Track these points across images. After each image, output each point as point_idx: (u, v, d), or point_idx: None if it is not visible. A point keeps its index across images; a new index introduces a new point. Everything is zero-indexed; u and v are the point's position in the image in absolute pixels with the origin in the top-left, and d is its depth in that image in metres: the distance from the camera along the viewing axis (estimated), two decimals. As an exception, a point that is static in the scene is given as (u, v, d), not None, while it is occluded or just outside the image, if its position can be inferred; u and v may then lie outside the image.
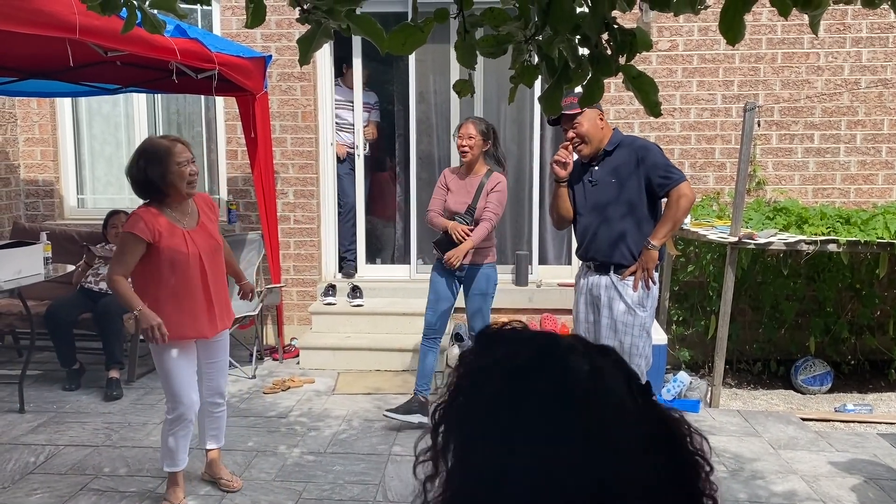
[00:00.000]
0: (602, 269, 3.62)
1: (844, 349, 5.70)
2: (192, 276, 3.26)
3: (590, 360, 0.84)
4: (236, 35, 5.82)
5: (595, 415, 0.79)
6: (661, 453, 0.80)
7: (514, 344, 0.87)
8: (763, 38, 5.69)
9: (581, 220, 3.69)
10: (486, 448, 0.81)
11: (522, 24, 1.62)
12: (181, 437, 3.36)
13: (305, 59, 1.74)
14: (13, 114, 6.29)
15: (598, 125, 3.57)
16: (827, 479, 3.79)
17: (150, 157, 3.17)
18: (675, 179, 3.46)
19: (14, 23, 3.00)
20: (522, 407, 0.81)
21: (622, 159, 3.54)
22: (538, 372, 0.83)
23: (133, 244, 3.16)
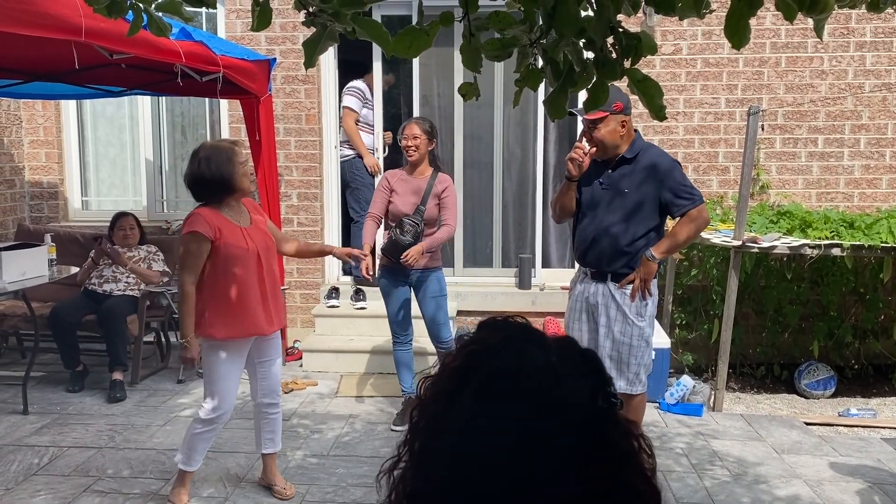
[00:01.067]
0: (599, 276, 3.55)
1: (848, 353, 5.69)
2: (251, 273, 3.31)
3: (548, 357, 0.84)
4: (241, 38, 5.83)
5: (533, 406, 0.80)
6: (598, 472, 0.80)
7: (493, 329, 0.89)
8: (767, 42, 5.69)
9: (584, 221, 3.60)
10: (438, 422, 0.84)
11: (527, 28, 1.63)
12: (206, 440, 3.38)
13: (311, 62, 1.75)
14: (18, 116, 6.31)
15: (618, 132, 3.45)
16: (830, 484, 3.78)
17: (220, 158, 3.26)
18: (695, 201, 3.40)
19: (20, 25, 3.01)
20: (469, 385, 0.83)
21: (640, 170, 3.45)
22: (495, 355, 0.85)
23: (197, 244, 3.21)
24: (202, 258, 3.23)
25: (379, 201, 4.40)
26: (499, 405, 0.81)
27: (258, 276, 3.34)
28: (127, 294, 5.25)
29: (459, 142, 6.22)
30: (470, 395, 0.82)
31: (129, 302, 5.21)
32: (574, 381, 0.83)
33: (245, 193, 3.40)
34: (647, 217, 3.46)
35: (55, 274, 5.02)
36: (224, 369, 3.32)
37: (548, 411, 0.80)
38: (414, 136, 4.33)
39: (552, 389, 0.81)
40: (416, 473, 0.85)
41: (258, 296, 3.33)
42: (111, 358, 5.03)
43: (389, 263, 4.35)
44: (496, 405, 0.81)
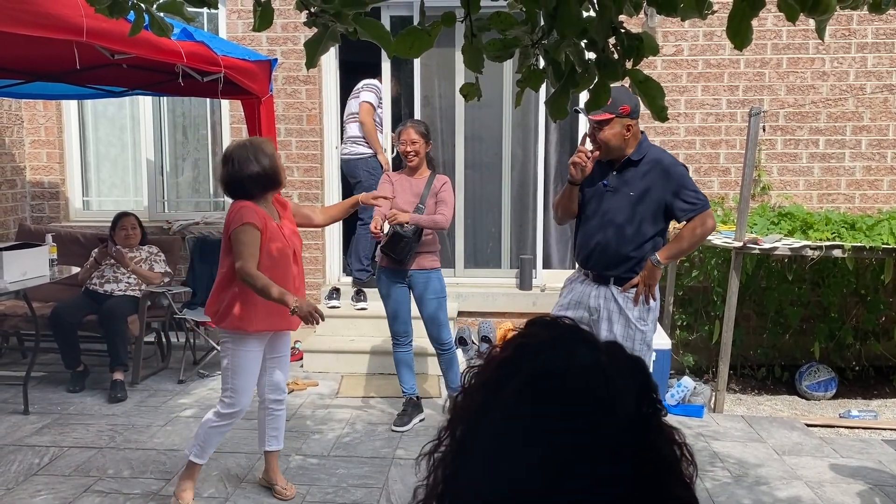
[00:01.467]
0: (601, 279, 3.50)
1: (849, 355, 5.68)
2: (287, 267, 3.38)
3: (597, 357, 0.85)
4: (242, 38, 5.83)
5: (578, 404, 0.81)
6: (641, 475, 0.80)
7: (544, 327, 0.90)
8: (768, 43, 5.69)
9: (587, 224, 3.55)
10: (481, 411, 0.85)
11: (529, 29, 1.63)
12: (221, 433, 3.43)
13: (312, 62, 1.75)
14: (19, 116, 6.31)
15: (623, 135, 3.40)
16: (831, 486, 3.78)
17: (263, 153, 3.33)
18: (700, 207, 3.36)
19: (21, 25, 3.01)
20: (515, 377, 0.84)
21: (646, 173, 3.41)
22: (544, 350, 0.85)
23: (251, 234, 3.24)
24: (257, 246, 3.25)
25: (388, 193, 4.34)
26: (545, 399, 0.82)
27: (291, 274, 3.40)
28: (128, 294, 5.25)
29: (461, 143, 6.22)
30: (516, 386, 0.83)
31: (129, 302, 5.21)
32: (621, 382, 0.83)
33: (279, 187, 3.47)
34: (652, 221, 3.41)
35: (56, 274, 5.03)
36: (248, 363, 3.35)
37: (593, 410, 0.80)
38: (412, 140, 4.36)
39: (599, 389, 0.82)
40: (456, 459, 0.86)
41: (293, 290, 3.34)
42: (112, 358, 5.03)
43: (388, 264, 4.35)
44: (542, 399, 0.82)
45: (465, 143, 6.24)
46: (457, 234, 6.30)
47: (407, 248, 4.26)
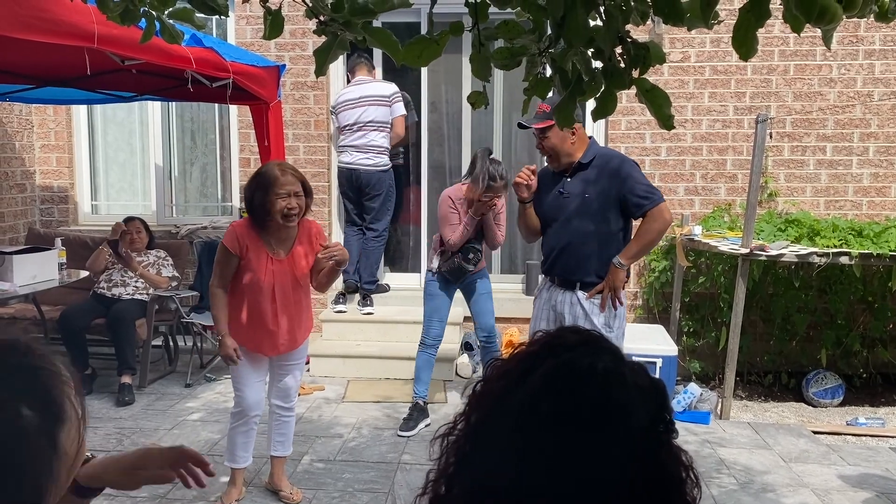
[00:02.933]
0: (567, 285, 3.49)
1: (856, 362, 5.66)
2: (263, 301, 3.35)
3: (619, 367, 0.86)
4: (251, 44, 5.86)
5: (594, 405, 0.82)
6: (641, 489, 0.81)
7: (573, 331, 0.93)
8: (775, 49, 5.69)
9: (549, 232, 3.56)
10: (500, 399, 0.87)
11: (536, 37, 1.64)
12: (241, 434, 3.48)
13: (322, 70, 1.77)
14: (30, 121, 6.36)
15: (569, 140, 3.42)
16: (838, 493, 3.77)
17: (259, 184, 3.25)
18: (654, 200, 3.33)
19: (35, 32, 3.05)
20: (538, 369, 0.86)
21: (597, 174, 3.41)
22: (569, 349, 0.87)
23: (224, 255, 3.33)
24: (229, 267, 3.33)
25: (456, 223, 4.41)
26: (563, 394, 0.83)
27: (270, 308, 3.36)
28: (136, 298, 5.27)
29: (467, 149, 6.24)
30: (537, 379, 0.85)
31: (137, 306, 5.24)
32: (639, 396, 0.85)
33: (277, 224, 3.28)
34: (611, 221, 3.41)
35: (65, 278, 5.06)
36: (240, 369, 3.43)
37: (608, 414, 0.82)
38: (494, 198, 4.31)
39: (617, 396, 0.83)
40: (469, 443, 0.88)
41: (266, 324, 3.37)
42: (120, 361, 5.06)
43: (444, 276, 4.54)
44: (560, 394, 0.83)
45: (472, 149, 6.25)
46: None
47: (465, 274, 4.53)
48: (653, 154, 5.83)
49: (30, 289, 4.61)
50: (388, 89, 5.75)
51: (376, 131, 5.69)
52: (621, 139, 5.84)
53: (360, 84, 5.77)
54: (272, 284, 3.33)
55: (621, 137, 5.84)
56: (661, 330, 5.41)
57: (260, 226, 3.32)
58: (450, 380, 5.51)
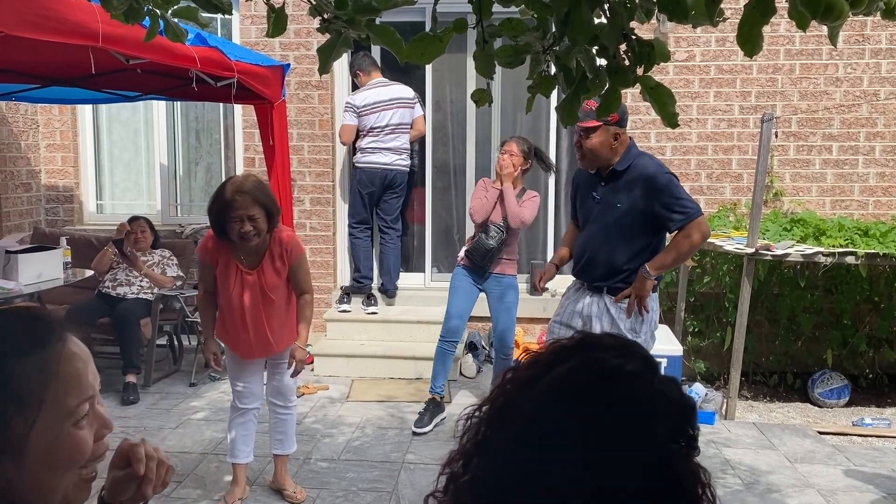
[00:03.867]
0: (595, 289, 3.48)
1: (862, 362, 5.64)
2: (234, 310, 3.39)
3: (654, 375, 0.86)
4: (255, 44, 5.87)
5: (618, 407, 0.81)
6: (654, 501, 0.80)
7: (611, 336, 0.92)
8: (781, 48, 5.68)
9: (581, 234, 3.56)
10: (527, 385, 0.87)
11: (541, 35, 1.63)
12: (239, 426, 3.51)
13: (325, 68, 1.76)
14: (35, 120, 6.38)
15: (611, 143, 3.37)
16: (844, 494, 3.75)
17: (215, 204, 3.23)
18: (690, 216, 3.24)
19: (39, 31, 3.05)
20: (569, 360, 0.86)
21: (632, 183, 3.34)
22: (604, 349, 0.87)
23: (200, 265, 3.50)
24: (208, 275, 3.45)
25: (491, 197, 4.50)
26: (589, 390, 0.83)
27: (240, 319, 3.38)
28: (140, 297, 5.28)
29: (472, 147, 6.23)
30: (563, 372, 0.85)
31: (142, 305, 5.25)
32: (666, 407, 0.83)
33: (240, 244, 3.24)
34: (642, 232, 3.35)
35: (70, 276, 5.07)
36: (231, 365, 3.56)
37: (631, 419, 0.81)
38: (512, 154, 4.44)
39: (643, 402, 0.82)
40: (492, 425, 0.88)
41: (240, 331, 3.42)
42: (124, 361, 5.07)
43: (469, 264, 4.53)
44: (587, 389, 0.83)
45: (476, 148, 6.25)
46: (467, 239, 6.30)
47: (490, 256, 4.46)
48: (658, 153, 5.81)
49: (35, 288, 4.62)
50: (409, 92, 5.85)
51: (406, 133, 5.85)
52: (626, 138, 5.82)
53: (386, 86, 5.80)
54: (241, 296, 3.35)
55: (626, 137, 5.82)
56: (665, 330, 5.39)
57: (228, 237, 3.27)
58: (454, 379, 5.50)
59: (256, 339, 3.41)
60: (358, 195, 5.85)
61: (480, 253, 4.46)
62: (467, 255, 4.54)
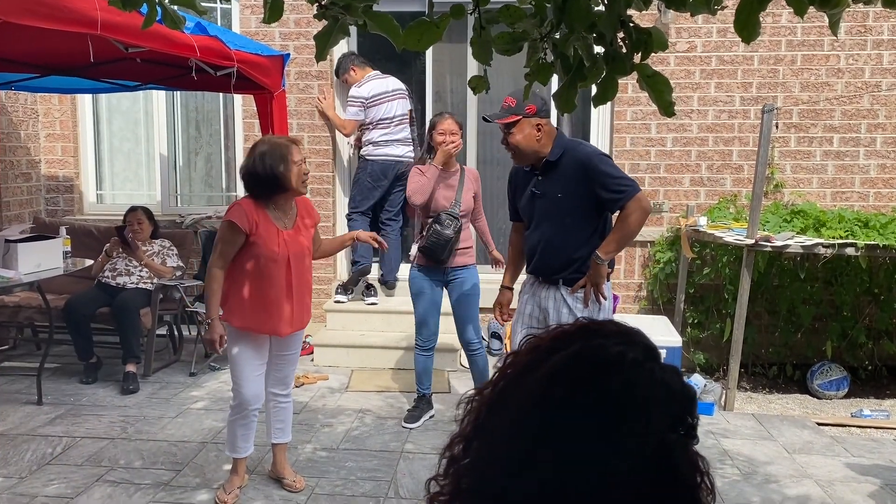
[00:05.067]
0: (551, 282, 3.44)
1: (862, 354, 5.64)
2: (278, 276, 3.33)
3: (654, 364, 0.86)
4: (255, 33, 5.85)
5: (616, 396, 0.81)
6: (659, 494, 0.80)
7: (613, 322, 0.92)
8: (783, 39, 5.66)
9: (530, 232, 3.51)
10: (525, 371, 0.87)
11: (538, 22, 1.63)
12: (240, 426, 3.47)
13: (322, 55, 1.76)
14: (35, 110, 6.37)
15: (534, 136, 3.33)
16: (842, 484, 3.76)
17: (274, 154, 3.26)
18: (629, 193, 3.19)
19: (37, 18, 3.04)
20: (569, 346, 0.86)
21: (567, 170, 3.31)
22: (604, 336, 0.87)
23: (231, 233, 3.27)
24: (234, 246, 3.29)
25: (426, 185, 4.28)
26: (587, 376, 0.83)
27: (286, 280, 3.36)
28: (140, 287, 5.29)
29: (472, 138, 6.22)
30: (563, 358, 0.85)
31: (142, 295, 5.26)
32: (665, 395, 0.83)
33: (297, 194, 3.38)
34: (587, 218, 3.32)
35: (70, 266, 5.07)
36: (241, 358, 3.38)
37: (628, 406, 0.81)
38: (452, 131, 4.27)
39: (641, 390, 0.82)
40: (492, 408, 0.88)
41: (281, 298, 3.35)
42: (124, 350, 5.08)
43: (426, 262, 4.29)
44: (585, 375, 0.83)
45: (478, 139, 6.24)
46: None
47: (450, 247, 4.24)
48: (658, 145, 5.81)
49: (35, 277, 4.62)
50: (402, 84, 5.83)
51: (409, 125, 5.82)
52: (626, 129, 5.81)
53: (384, 78, 5.80)
54: (287, 255, 3.33)
55: (626, 128, 5.81)
56: (665, 321, 5.40)
57: (266, 199, 3.33)
58: (454, 370, 5.51)
59: (298, 304, 3.41)
60: (369, 187, 5.78)
61: (440, 245, 4.20)
62: (424, 253, 4.27)
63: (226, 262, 3.30)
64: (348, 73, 5.86)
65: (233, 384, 3.45)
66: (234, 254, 3.29)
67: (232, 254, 3.29)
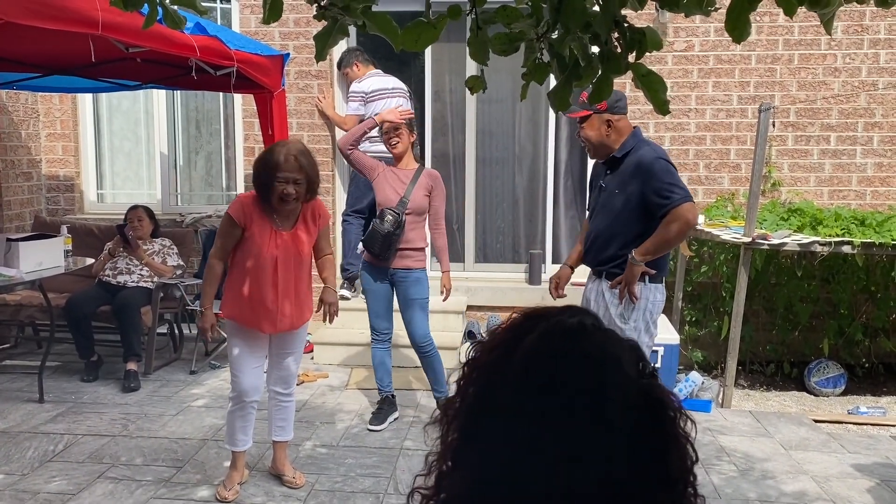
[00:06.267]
0: (597, 274, 3.54)
1: (858, 352, 5.67)
2: (264, 275, 3.38)
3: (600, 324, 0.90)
4: (255, 33, 5.88)
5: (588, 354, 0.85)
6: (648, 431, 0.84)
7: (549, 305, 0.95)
8: (780, 39, 5.68)
9: (590, 222, 3.65)
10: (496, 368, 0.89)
11: (534, 22, 1.65)
12: (238, 419, 3.52)
13: (322, 55, 1.78)
14: (35, 109, 6.39)
15: (604, 132, 3.40)
16: (838, 480, 3.79)
17: (267, 165, 3.32)
18: (675, 201, 3.21)
19: (39, 18, 3.07)
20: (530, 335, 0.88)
21: (628, 168, 3.38)
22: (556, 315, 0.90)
23: (228, 225, 3.38)
24: (231, 239, 3.39)
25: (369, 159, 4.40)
26: (562, 353, 0.85)
27: (272, 280, 3.39)
28: (141, 285, 5.31)
29: (472, 137, 6.25)
30: (533, 341, 0.87)
31: (143, 293, 5.28)
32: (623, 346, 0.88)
33: (275, 208, 3.37)
34: (637, 217, 3.35)
35: (71, 265, 5.10)
36: (236, 349, 3.46)
37: (605, 365, 0.84)
38: (395, 128, 4.30)
39: (609, 347, 0.86)
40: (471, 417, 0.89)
41: (266, 298, 3.40)
42: (125, 348, 5.10)
43: (371, 259, 4.31)
44: (559, 352, 0.85)
45: (476, 138, 6.27)
46: (466, 229, 6.34)
47: (386, 243, 4.18)
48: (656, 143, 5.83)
49: (36, 275, 4.65)
50: (403, 84, 5.83)
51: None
52: (625, 128, 5.83)
53: (384, 76, 5.81)
54: (275, 258, 3.38)
55: (625, 127, 5.83)
56: (663, 319, 5.41)
57: (265, 201, 3.39)
58: (455, 368, 5.53)
59: (283, 306, 3.42)
60: (365, 186, 5.81)
61: (376, 241, 4.17)
62: (364, 246, 4.31)
63: (224, 253, 3.41)
64: (350, 67, 5.87)
65: (231, 375, 3.52)
66: (231, 246, 3.39)
67: (229, 246, 3.39)
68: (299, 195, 3.35)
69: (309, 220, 3.51)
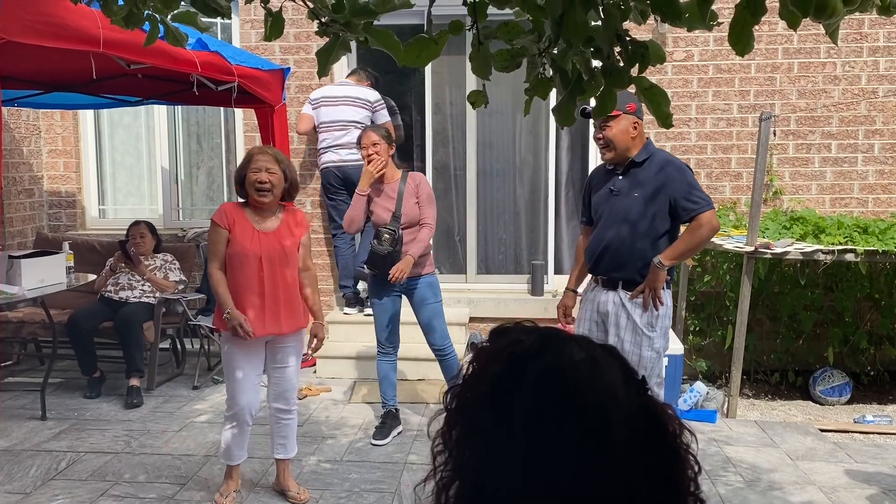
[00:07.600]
0: (610, 284, 3.48)
1: (863, 360, 5.65)
2: (250, 274, 3.40)
3: (587, 351, 0.88)
4: (255, 48, 5.90)
5: (587, 399, 0.83)
6: (651, 451, 0.83)
7: (520, 333, 0.92)
8: (779, 47, 5.69)
9: (596, 229, 3.56)
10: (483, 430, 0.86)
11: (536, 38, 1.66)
12: (234, 435, 3.51)
13: (324, 70, 1.78)
14: (37, 126, 6.41)
15: (630, 133, 3.41)
16: (845, 491, 3.76)
17: (241, 163, 3.49)
18: (702, 206, 3.31)
19: (42, 37, 3.08)
20: (522, 387, 0.85)
21: (650, 174, 3.39)
22: (537, 354, 0.87)
23: (215, 232, 3.44)
24: (221, 243, 3.41)
25: (359, 205, 4.28)
26: (560, 397, 0.84)
27: (258, 279, 3.40)
28: (143, 301, 5.30)
29: (472, 149, 6.26)
30: (526, 396, 0.84)
31: (145, 309, 5.27)
32: (612, 372, 0.87)
33: (254, 199, 3.42)
34: (658, 222, 3.38)
35: (73, 281, 5.10)
36: (232, 363, 3.45)
37: (601, 399, 0.83)
38: (373, 143, 4.18)
39: (599, 380, 0.85)
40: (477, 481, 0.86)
41: (253, 298, 3.40)
42: (128, 364, 5.09)
43: (376, 273, 4.29)
44: (557, 398, 0.84)
45: (477, 150, 6.27)
46: (468, 240, 6.33)
47: (389, 261, 4.16)
48: (657, 153, 5.83)
49: (38, 292, 4.64)
50: (372, 96, 5.67)
51: (358, 131, 5.54)
52: (625, 139, 5.84)
53: (344, 85, 5.73)
54: (258, 256, 3.39)
55: (625, 137, 5.84)
56: (666, 329, 5.41)
57: (245, 203, 3.47)
58: (456, 380, 5.51)
59: (271, 304, 3.40)
60: (328, 201, 5.78)
61: (378, 262, 4.18)
62: (368, 268, 4.29)
63: (218, 261, 3.43)
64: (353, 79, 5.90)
65: (227, 393, 3.52)
66: (223, 250, 3.42)
67: (220, 252, 3.42)
68: (273, 186, 3.38)
69: (291, 224, 3.54)
